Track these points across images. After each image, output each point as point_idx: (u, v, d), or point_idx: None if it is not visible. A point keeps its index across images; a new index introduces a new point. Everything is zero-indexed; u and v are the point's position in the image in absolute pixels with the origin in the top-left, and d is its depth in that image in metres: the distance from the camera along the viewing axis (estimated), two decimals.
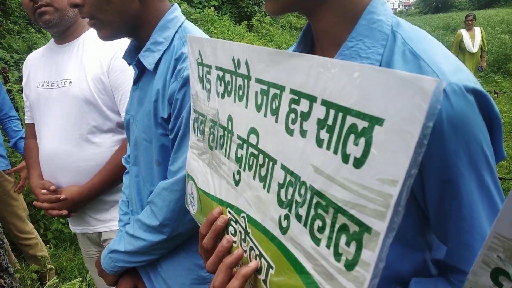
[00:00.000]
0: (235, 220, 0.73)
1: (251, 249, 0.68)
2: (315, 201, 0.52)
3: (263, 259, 0.64)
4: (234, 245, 0.73)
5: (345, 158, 0.46)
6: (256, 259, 0.67)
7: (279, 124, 0.59)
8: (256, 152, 0.66)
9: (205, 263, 0.77)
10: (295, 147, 0.56)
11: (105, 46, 1.54)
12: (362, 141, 0.44)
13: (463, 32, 7.76)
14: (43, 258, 2.92)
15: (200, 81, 0.84)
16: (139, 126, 1.14)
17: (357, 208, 0.45)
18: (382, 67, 0.62)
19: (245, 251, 0.70)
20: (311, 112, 0.52)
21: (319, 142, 0.51)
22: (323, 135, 0.50)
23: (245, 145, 0.69)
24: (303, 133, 0.54)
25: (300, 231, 0.55)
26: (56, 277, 3.03)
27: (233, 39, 10.19)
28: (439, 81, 0.36)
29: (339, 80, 0.47)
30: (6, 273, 2.19)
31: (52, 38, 1.72)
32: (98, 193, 1.60)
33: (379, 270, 0.42)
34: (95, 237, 1.73)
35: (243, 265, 0.68)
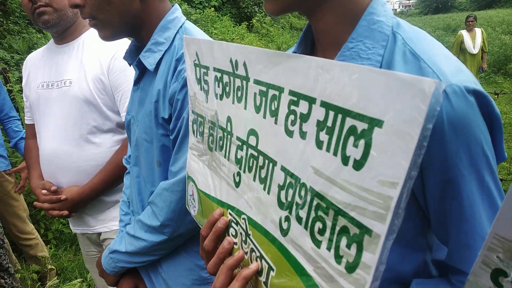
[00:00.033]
0: (235, 221, 0.73)
1: (252, 250, 0.68)
2: (315, 203, 0.52)
3: (264, 261, 0.64)
4: (235, 246, 0.73)
5: (345, 160, 0.46)
6: (257, 260, 0.66)
7: (279, 125, 0.59)
8: (256, 153, 0.65)
9: (206, 264, 0.77)
10: (295, 148, 0.55)
11: (105, 46, 1.54)
12: (361, 143, 0.43)
13: (464, 33, 7.74)
14: (43, 258, 2.93)
15: (197, 82, 0.83)
16: (140, 126, 1.14)
17: (357, 210, 0.44)
18: (382, 68, 0.62)
19: (246, 253, 0.70)
20: (311, 113, 0.52)
21: (319, 143, 0.51)
22: (323, 136, 0.50)
23: (244, 147, 0.69)
24: (303, 135, 0.54)
25: (300, 233, 0.55)
26: (56, 277, 3.03)
27: (233, 39, 10.20)
28: (438, 82, 0.35)
29: (338, 81, 0.47)
30: (6, 273, 2.20)
31: (52, 38, 1.72)
32: (98, 193, 1.60)
33: (379, 272, 0.42)
34: (95, 238, 1.73)
35: (244, 267, 0.68)
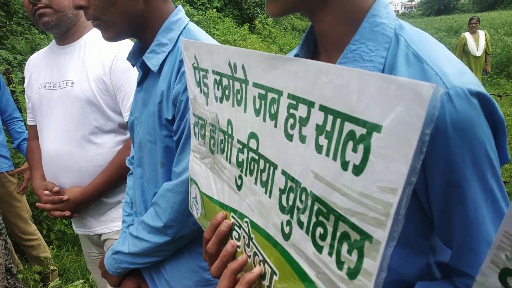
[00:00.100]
0: (238, 225, 0.72)
1: (255, 254, 0.67)
2: (316, 207, 0.51)
3: (266, 265, 0.64)
4: (238, 249, 0.73)
5: (344, 165, 0.45)
6: (260, 264, 0.66)
7: (278, 129, 0.58)
8: (256, 157, 0.65)
9: (209, 267, 0.77)
10: (295, 152, 0.55)
11: (106, 46, 1.54)
12: (360, 148, 0.43)
13: (467, 35, 7.68)
14: (46, 259, 2.93)
15: (197, 85, 0.83)
16: (143, 127, 1.14)
17: (358, 216, 0.44)
18: (385, 70, 0.62)
19: (249, 257, 0.69)
20: (310, 117, 0.51)
21: (318, 148, 0.50)
22: (322, 141, 0.49)
23: (245, 150, 0.68)
24: (302, 139, 0.53)
25: (302, 238, 0.54)
26: (58, 278, 3.04)
27: (235, 40, 10.21)
28: (436, 86, 0.35)
29: (336, 85, 0.47)
30: (9, 273, 2.20)
31: (54, 39, 1.72)
32: (101, 194, 1.60)
33: (381, 280, 0.41)
34: (96, 239, 1.73)
35: (247, 271, 0.67)
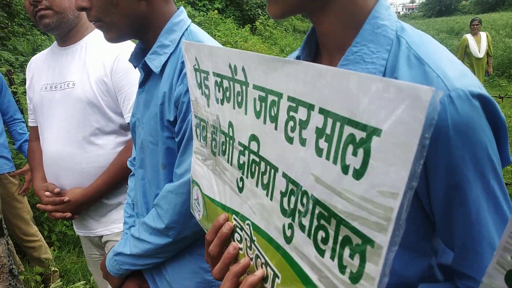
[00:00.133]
0: (240, 227, 0.72)
1: (257, 257, 0.67)
2: (317, 211, 0.51)
3: (269, 268, 0.63)
4: (240, 252, 0.72)
5: (345, 168, 0.45)
6: (262, 267, 0.66)
7: (279, 131, 0.58)
8: (257, 159, 0.65)
9: (211, 269, 0.77)
10: (295, 155, 0.54)
11: (108, 48, 1.54)
12: (360, 151, 0.43)
13: (469, 37, 7.64)
14: (47, 260, 2.93)
15: (198, 86, 0.82)
16: (145, 129, 1.14)
17: (359, 220, 0.44)
18: (387, 72, 0.62)
19: (251, 259, 0.69)
20: (309, 120, 0.51)
21: (319, 151, 0.50)
22: (322, 144, 0.49)
23: (246, 152, 0.68)
24: (303, 142, 0.53)
25: (304, 241, 0.54)
26: (60, 279, 3.04)
27: (236, 42, 10.22)
28: (435, 90, 0.34)
29: (335, 88, 0.46)
30: (11, 274, 2.20)
31: (55, 40, 1.73)
32: (102, 195, 1.60)
33: (383, 284, 0.41)
34: (97, 240, 1.73)
35: (249, 273, 0.67)
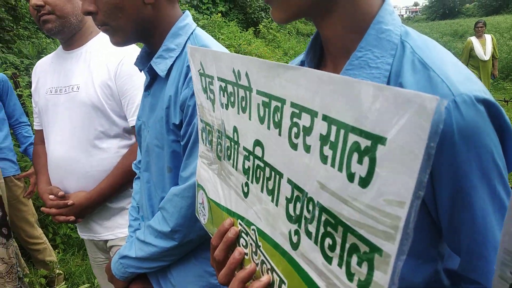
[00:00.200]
0: (245, 232, 0.72)
1: (262, 262, 0.67)
2: (323, 218, 0.50)
3: (275, 274, 0.63)
4: (245, 257, 0.72)
5: (351, 176, 0.45)
6: (268, 273, 0.65)
7: (283, 137, 0.57)
8: (262, 164, 0.64)
9: (217, 274, 0.77)
10: (300, 161, 0.54)
11: (112, 52, 1.55)
12: (366, 160, 0.42)
13: (473, 39, 7.55)
14: (51, 263, 2.94)
15: (203, 91, 0.82)
16: (150, 132, 1.15)
17: (366, 228, 0.43)
18: (391, 77, 0.62)
19: (257, 265, 0.69)
20: (313, 127, 0.51)
21: (323, 158, 0.49)
22: (327, 151, 0.48)
23: (251, 157, 0.68)
24: (307, 148, 0.52)
25: (311, 248, 0.53)
26: (64, 282, 3.04)
27: (240, 45, 10.24)
28: (440, 99, 0.34)
29: (338, 95, 0.46)
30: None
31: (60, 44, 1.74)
32: (105, 199, 1.60)
33: None
34: (102, 244, 1.72)
35: (255, 279, 0.67)
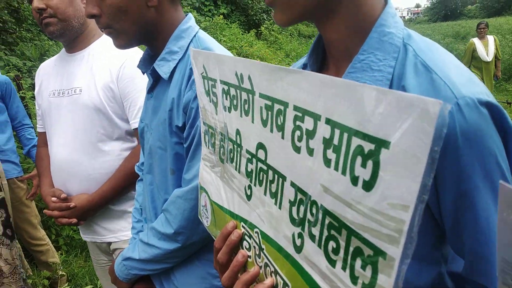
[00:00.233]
0: (249, 235, 0.72)
1: (266, 265, 0.67)
2: (327, 221, 0.50)
3: (278, 277, 0.63)
4: (249, 260, 0.72)
5: (354, 180, 0.45)
6: (271, 276, 0.65)
7: (286, 140, 0.57)
8: (265, 167, 0.64)
9: (220, 277, 0.77)
10: (303, 165, 0.54)
11: (114, 54, 1.55)
12: (370, 163, 0.42)
13: (476, 41, 7.51)
14: (54, 264, 2.94)
15: (206, 94, 0.83)
16: (153, 134, 1.15)
17: (370, 232, 0.43)
18: (394, 80, 0.62)
19: (260, 267, 0.69)
20: (316, 130, 0.51)
21: (327, 161, 0.49)
22: (330, 154, 0.48)
23: (254, 160, 0.68)
24: (310, 152, 0.52)
25: (314, 251, 0.53)
26: (67, 283, 3.04)
27: (241, 47, 10.25)
28: (443, 103, 0.34)
29: (341, 99, 0.46)
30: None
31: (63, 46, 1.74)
32: (108, 201, 1.60)
33: None
34: (105, 246, 1.72)
35: (259, 282, 0.67)
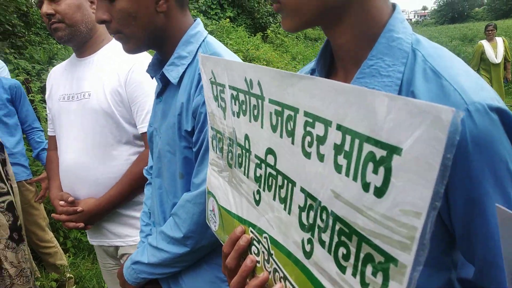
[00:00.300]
0: (257, 240, 0.71)
1: (275, 270, 0.67)
2: (337, 227, 0.50)
3: (288, 282, 0.63)
4: (257, 265, 0.72)
5: (366, 186, 0.44)
6: (280, 281, 0.65)
7: (296, 146, 0.57)
8: (274, 172, 0.64)
9: (228, 282, 0.77)
10: (313, 170, 0.54)
11: (123, 59, 1.56)
12: (381, 170, 0.42)
13: (484, 43, 7.41)
14: (62, 266, 2.96)
15: (215, 99, 0.83)
16: (162, 138, 1.16)
17: (381, 238, 0.43)
18: (403, 85, 0.62)
19: (269, 273, 0.68)
20: (327, 136, 0.51)
21: (338, 167, 0.49)
22: (341, 160, 0.48)
23: (263, 165, 0.68)
24: (321, 157, 0.52)
25: (324, 257, 0.53)
26: (75, 286, 3.06)
27: (248, 50, 10.26)
28: (456, 111, 0.34)
29: (352, 105, 0.46)
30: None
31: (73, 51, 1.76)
32: (115, 205, 1.60)
33: None
34: (112, 250, 1.73)
35: (268, 287, 0.67)
